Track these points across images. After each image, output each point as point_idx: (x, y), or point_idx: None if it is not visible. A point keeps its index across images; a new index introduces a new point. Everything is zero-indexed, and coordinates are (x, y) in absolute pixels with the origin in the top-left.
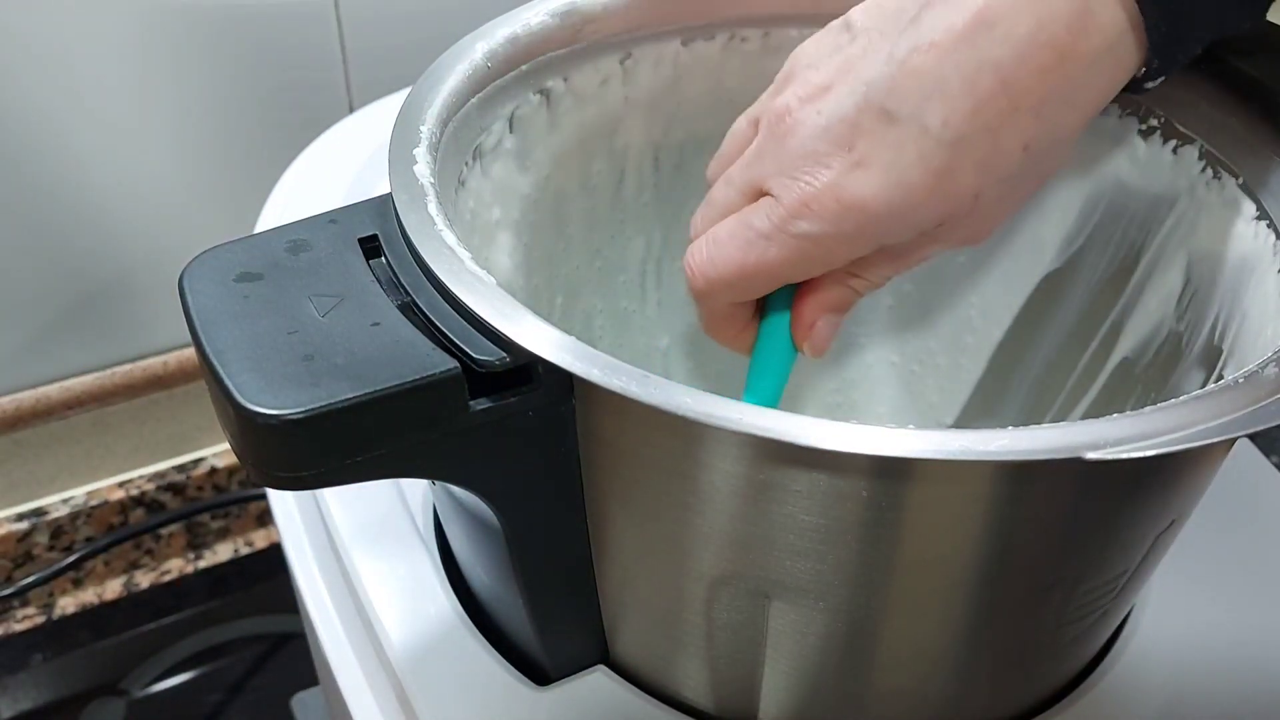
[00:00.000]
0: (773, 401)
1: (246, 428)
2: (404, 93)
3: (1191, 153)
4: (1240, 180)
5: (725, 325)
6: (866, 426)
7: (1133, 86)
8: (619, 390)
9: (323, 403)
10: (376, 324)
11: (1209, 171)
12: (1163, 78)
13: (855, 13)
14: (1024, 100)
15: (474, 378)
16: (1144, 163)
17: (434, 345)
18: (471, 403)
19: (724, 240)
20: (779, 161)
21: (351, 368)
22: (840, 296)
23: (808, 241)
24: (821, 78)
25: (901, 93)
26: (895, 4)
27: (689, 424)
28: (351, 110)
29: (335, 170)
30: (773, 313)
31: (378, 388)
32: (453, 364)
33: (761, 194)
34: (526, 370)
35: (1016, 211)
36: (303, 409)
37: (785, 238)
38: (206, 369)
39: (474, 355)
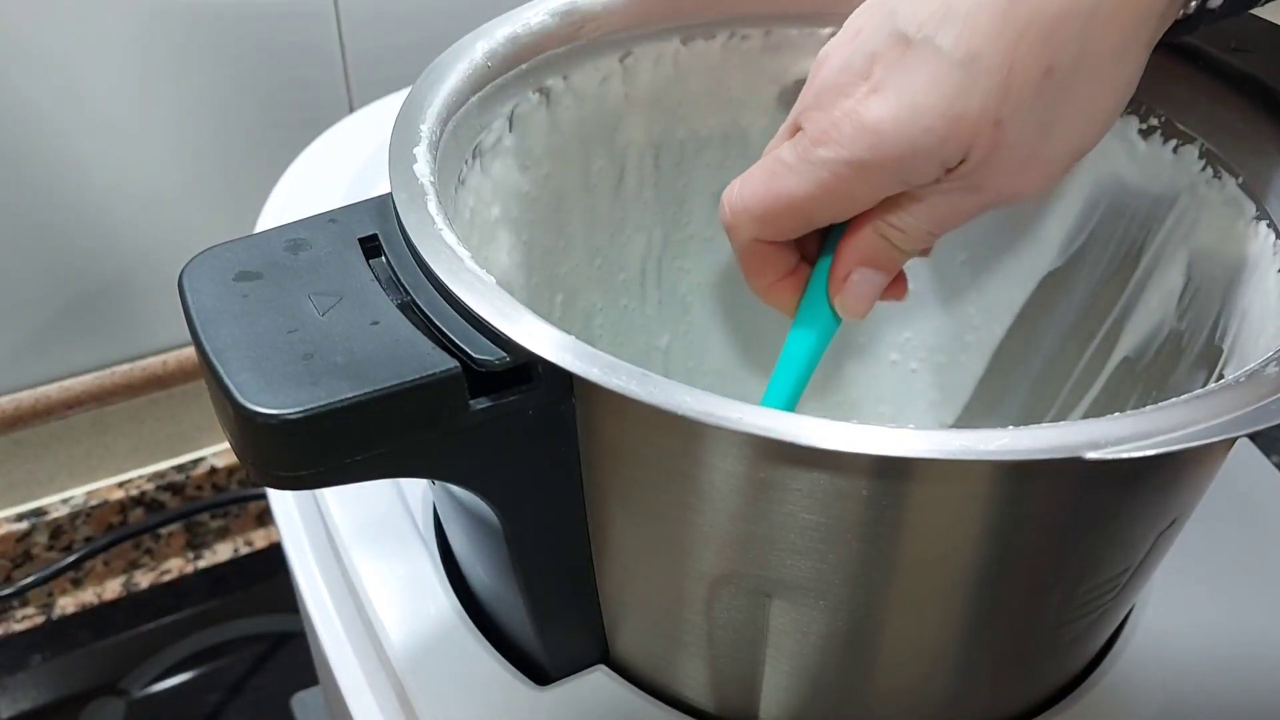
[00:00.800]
0: (807, 367)
1: (246, 427)
2: (404, 93)
3: (1192, 152)
4: (1240, 179)
5: (760, 269)
6: (867, 426)
7: (1198, 12)
8: (618, 389)
9: (322, 402)
10: (376, 323)
11: (1209, 170)
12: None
13: None
14: (1037, 16)
15: (474, 377)
16: (1144, 162)
17: (434, 344)
18: (471, 402)
19: (754, 173)
20: (813, 97)
21: (351, 367)
22: (875, 248)
23: (826, 170)
24: (857, 23)
25: (917, 16)
26: None
27: (689, 423)
28: (351, 110)
29: (335, 170)
30: (816, 276)
31: (377, 387)
32: (452, 363)
33: (798, 130)
34: (526, 369)
35: (1068, 163)
36: (302, 408)
37: (806, 166)
38: (206, 368)
39: (474, 354)
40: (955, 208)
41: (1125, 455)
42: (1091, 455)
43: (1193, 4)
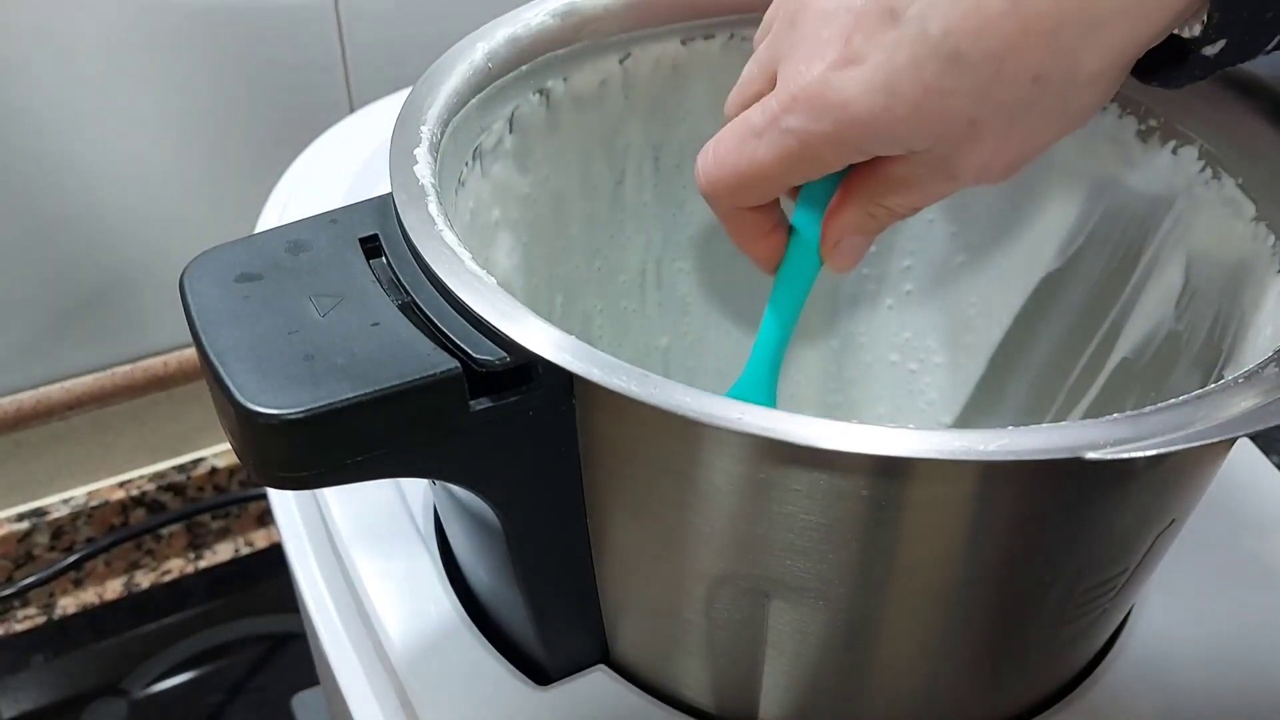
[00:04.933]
0: (792, 315)
1: (247, 428)
2: (404, 93)
3: (1191, 153)
4: (1239, 180)
5: (744, 230)
6: (866, 426)
7: (1195, 53)
8: (618, 390)
9: (323, 402)
10: (376, 324)
11: (1208, 171)
12: (1224, 44)
13: None
14: (1036, 23)
15: (474, 377)
16: (1143, 163)
17: (434, 345)
18: (471, 402)
19: (724, 138)
20: (789, 43)
21: (352, 367)
22: (861, 221)
23: (794, 139)
24: None
25: None
26: None
27: (688, 423)
28: (351, 110)
29: (335, 170)
30: (799, 227)
31: (378, 387)
32: (453, 364)
33: (774, 76)
34: (526, 370)
35: (1039, 151)
36: (303, 409)
37: (775, 134)
38: (207, 369)
39: (474, 355)
40: (933, 190)
41: (1124, 456)
42: (1091, 455)
43: (1188, 34)
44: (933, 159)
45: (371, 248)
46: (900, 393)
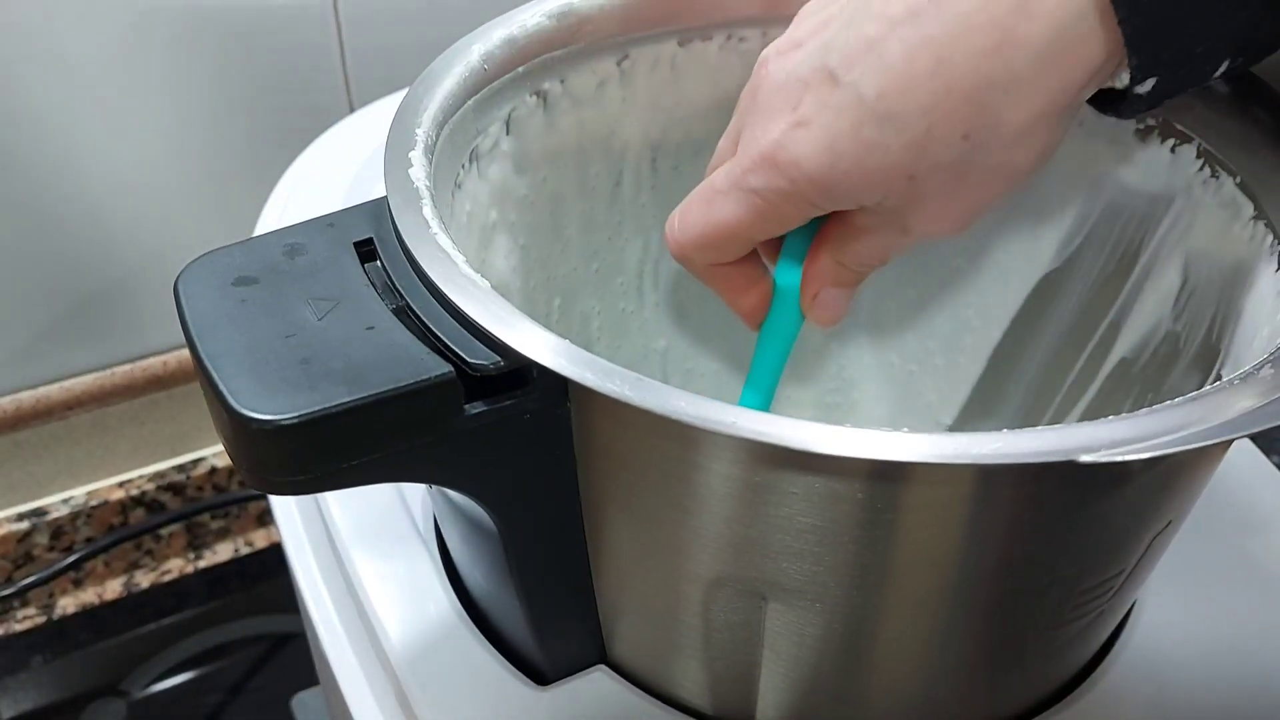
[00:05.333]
0: (775, 372)
1: (241, 433)
2: (403, 93)
3: (1189, 152)
4: (1238, 179)
5: (727, 286)
6: (861, 430)
7: (1126, 96)
8: (613, 394)
9: (317, 407)
10: (371, 328)
11: (1206, 170)
12: (1155, 81)
13: None
14: (959, 84)
15: (469, 381)
16: (1141, 162)
17: (429, 349)
18: (466, 406)
19: (691, 202)
20: (751, 114)
21: (346, 372)
22: (834, 271)
23: (757, 197)
24: (800, 33)
25: (848, 58)
26: None
27: (683, 428)
28: (351, 110)
29: (335, 170)
30: (780, 282)
31: (372, 392)
32: (447, 368)
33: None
34: (521, 374)
35: (990, 206)
36: (297, 414)
37: (739, 193)
38: (202, 374)
39: (469, 359)
40: (889, 242)
41: (1119, 459)
42: (1085, 459)
43: (1120, 84)
44: (886, 212)
45: (367, 251)
46: (899, 394)
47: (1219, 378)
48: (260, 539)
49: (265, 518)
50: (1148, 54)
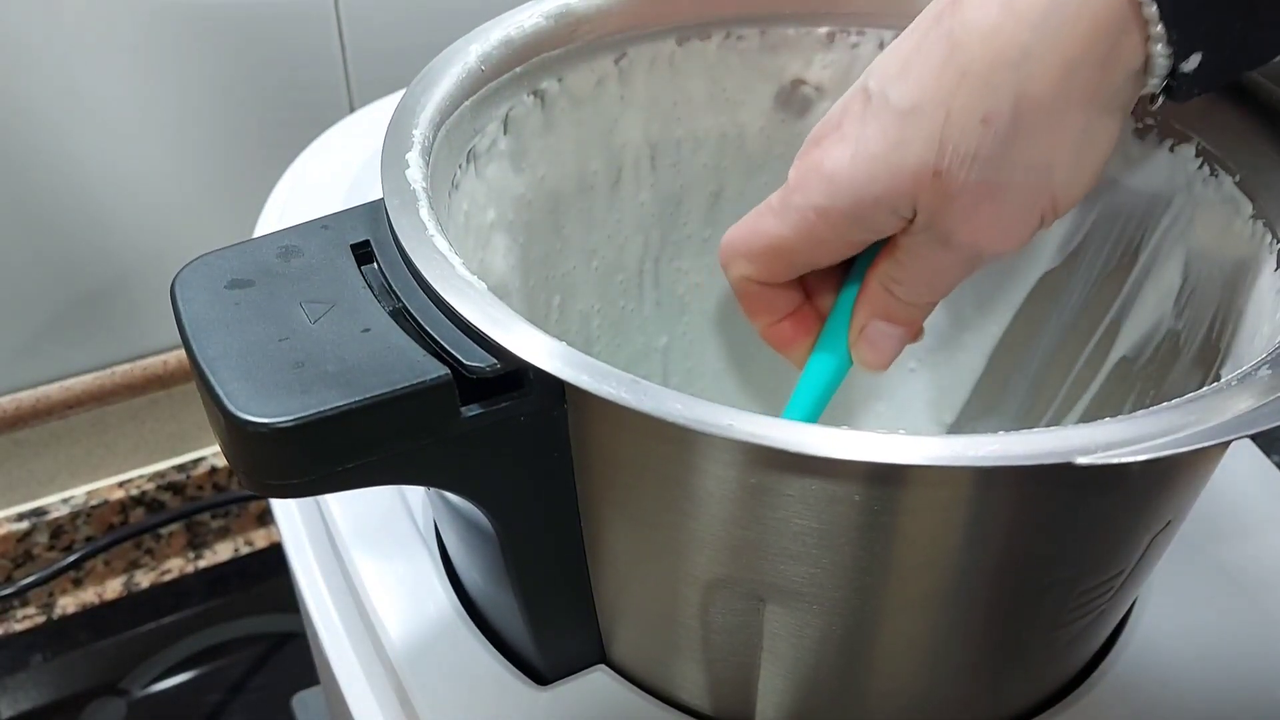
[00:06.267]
0: (821, 401)
1: (237, 436)
2: (403, 93)
3: (1188, 150)
4: (1237, 178)
5: (756, 309)
6: (858, 432)
7: (1175, 76)
8: (609, 396)
9: (313, 410)
10: (367, 330)
11: (1206, 169)
12: (1199, 54)
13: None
14: (972, 67)
15: (465, 384)
16: (1141, 161)
17: (425, 352)
18: (463, 409)
19: (747, 217)
20: (805, 143)
21: (342, 375)
22: (884, 301)
23: (796, 214)
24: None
25: (880, 72)
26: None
27: (680, 430)
28: (351, 110)
29: (335, 170)
30: (829, 326)
31: (368, 395)
32: (443, 370)
33: None
34: (517, 376)
35: (1034, 222)
36: (293, 417)
37: (784, 210)
38: (198, 377)
39: (465, 361)
40: (935, 262)
41: (1116, 461)
42: (1082, 461)
43: (1155, 63)
44: (924, 226)
45: (363, 254)
46: (899, 392)
47: (1219, 376)
48: (260, 539)
49: (265, 517)
50: (1190, 29)
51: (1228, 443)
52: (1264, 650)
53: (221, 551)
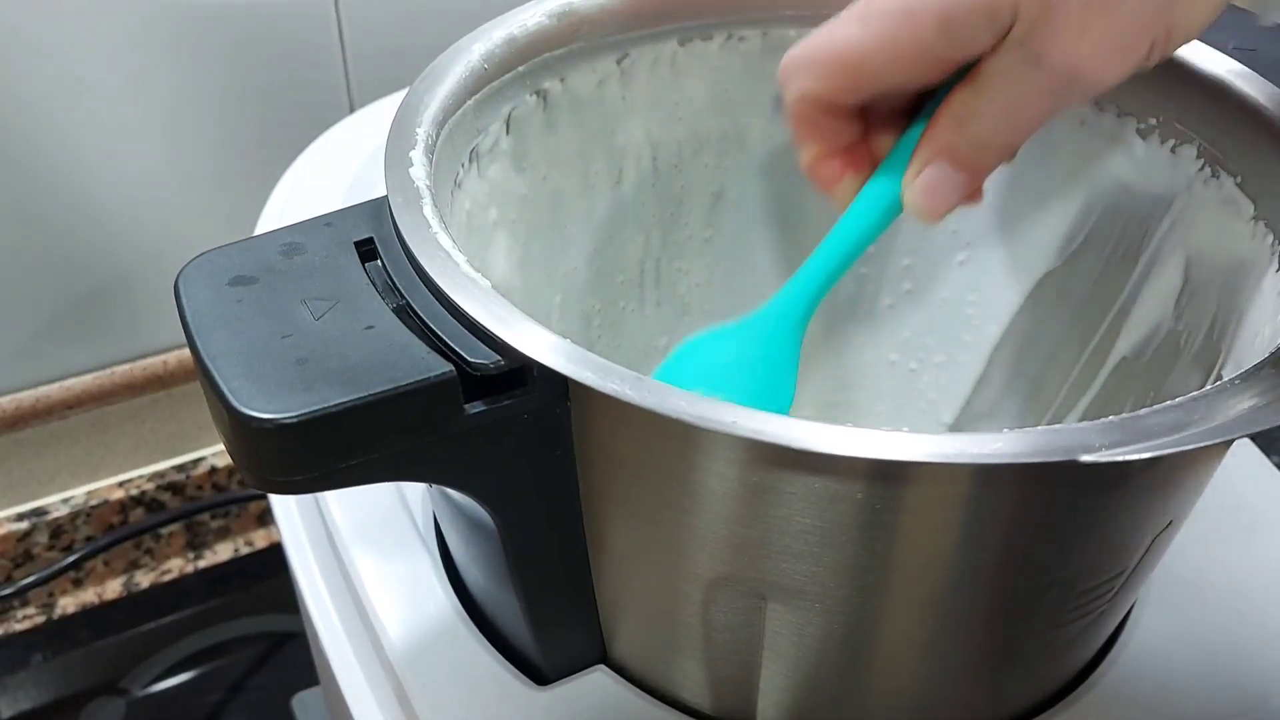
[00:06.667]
0: (844, 258)
1: (240, 432)
2: (404, 93)
3: (1189, 151)
4: (1238, 179)
5: (809, 134)
6: (861, 429)
7: None
8: (612, 393)
9: (316, 407)
10: (371, 327)
11: (1207, 170)
12: None
13: None
14: None
15: (468, 381)
16: (1142, 162)
17: (428, 348)
18: (466, 406)
19: (819, 28)
20: None
21: (345, 371)
22: (953, 139)
23: (875, 17)
24: None
25: None
26: None
27: (683, 427)
28: (351, 110)
29: (335, 170)
30: (884, 168)
31: (371, 391)
32: (447, 367)
33: None
34: (521, 373)
35: (1141, 34)
36: (296, 413)
37: (860, 15)
38: (202, 374)
39: (468, 358)
40: (1022, 88)
41: (1120, 459)
42: (1086, 459)
43: None
44: (1017, 41)
45: (366, 251)
46: (900, 392)
47: (1220, 377)
48: (260, 539)
49: (265, 517)
50: None
51: (1230, 441)
52: (1263, 652)
53: (221, 551)
